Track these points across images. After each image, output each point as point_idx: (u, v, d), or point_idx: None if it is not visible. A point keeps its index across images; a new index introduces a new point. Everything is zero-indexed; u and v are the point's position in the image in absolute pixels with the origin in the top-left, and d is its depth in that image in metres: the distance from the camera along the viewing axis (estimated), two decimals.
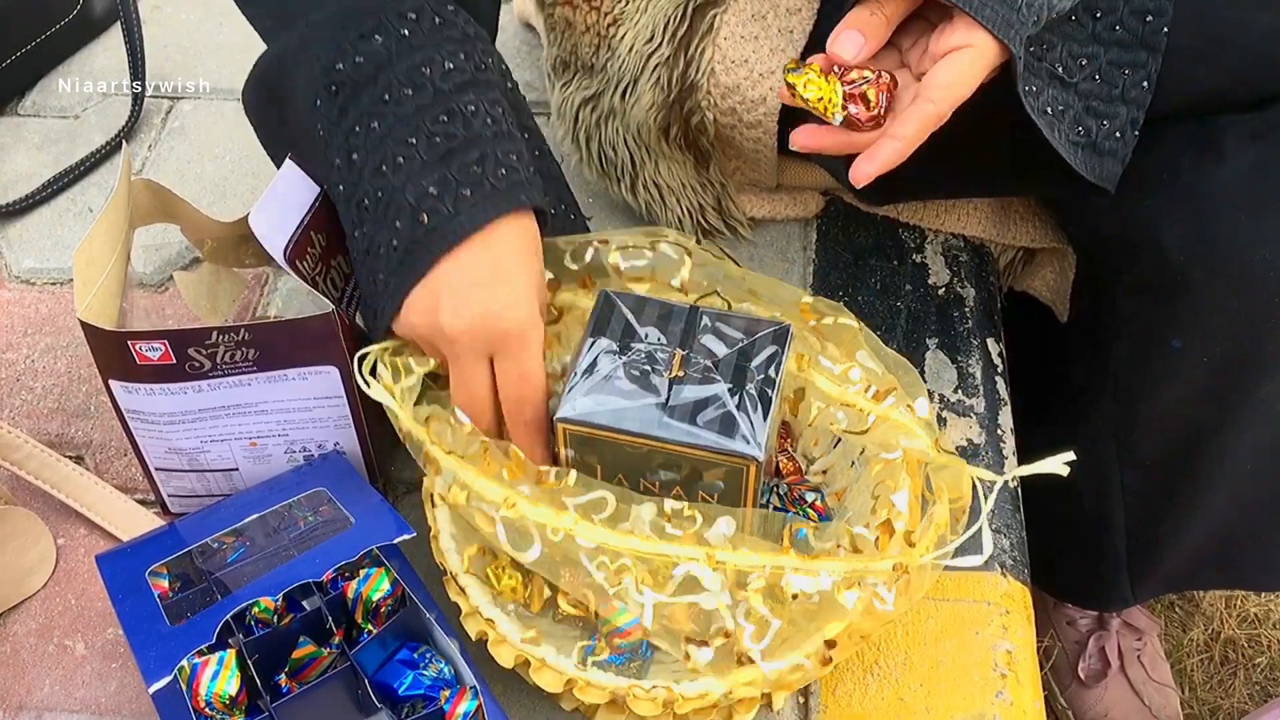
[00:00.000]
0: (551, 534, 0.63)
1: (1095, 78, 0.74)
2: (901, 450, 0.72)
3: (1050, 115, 0.73)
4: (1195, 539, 0.92)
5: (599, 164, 0.94)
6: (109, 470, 0.84)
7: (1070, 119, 0.74)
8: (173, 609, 0.68)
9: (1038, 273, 0.98)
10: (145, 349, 0.69)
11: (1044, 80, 0.73)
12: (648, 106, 0.87)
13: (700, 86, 0.85)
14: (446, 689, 0.66)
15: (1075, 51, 0.73)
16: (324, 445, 0.77)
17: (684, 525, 0.64)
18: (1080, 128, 0.74)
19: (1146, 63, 0.74)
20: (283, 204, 0.74)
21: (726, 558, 0.62)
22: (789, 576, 0.62)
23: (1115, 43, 0.73)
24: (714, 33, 0.84)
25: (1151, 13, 0.73)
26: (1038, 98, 0.72)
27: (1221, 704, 1.27)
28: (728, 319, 0.71)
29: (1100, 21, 0.73)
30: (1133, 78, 0.74)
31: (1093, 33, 0.73)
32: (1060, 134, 0.73)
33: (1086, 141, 0.74)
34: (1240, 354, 0.77)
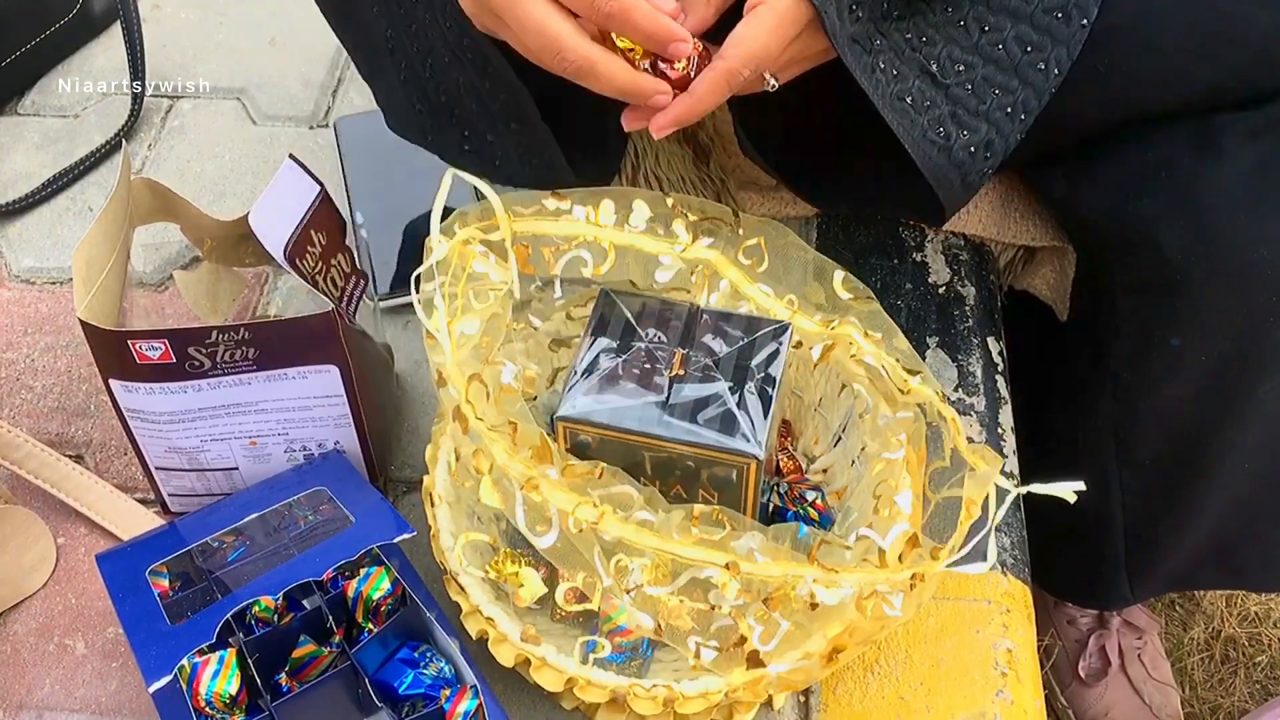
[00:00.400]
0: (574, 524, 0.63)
1: (968, 86, 0.74)
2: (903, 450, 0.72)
3: (909, 104, 0.72)
4: (1195, 538, 0.92)
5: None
6: (109, 469, 0.84)
7: (933, 118, 0.73)
8: (173, 608, 0.68)
9: (1038, 271, 0.98)
10: (145, 348, 0.69)
11: (912, 70, 0.72)
12: None
13: None
14: (447, 688, 0.66)
15: (955, 56, 0.73)
16: (324, 444, 0.77)
17: (711, 532, 0.63)
18: (942, 129, 0.74)
19: (1016, 90, 0.74)
20: (282, 203, 0.74)
21: (751, 569, 0.62)
22: (810, 586, 0.62)
23: (993, 60, 0.74)
24: None
25: (1032, 46, 0.73)
26: (895, 83, 0.71)
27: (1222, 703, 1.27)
28: (728, 318, 0.71)
29: (986, 36, 0.73)
30: (1000, 100, 0.74)
31: (976, 43, 0.73)
32: (917, 127, 0.72)
33: (944, 145, 0.74)
34: (1240, 353, 0.77)
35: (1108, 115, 0.77)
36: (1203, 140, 0.76)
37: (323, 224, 0.76)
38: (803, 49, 0.67)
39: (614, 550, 0.62)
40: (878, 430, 0.74)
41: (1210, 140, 0.75)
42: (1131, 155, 0.79)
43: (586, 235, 0.74)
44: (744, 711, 0.68)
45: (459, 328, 0.68)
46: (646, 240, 0.75)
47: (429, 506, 0.71)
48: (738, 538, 0.62)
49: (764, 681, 0.65)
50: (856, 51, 0.68)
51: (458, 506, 0.72)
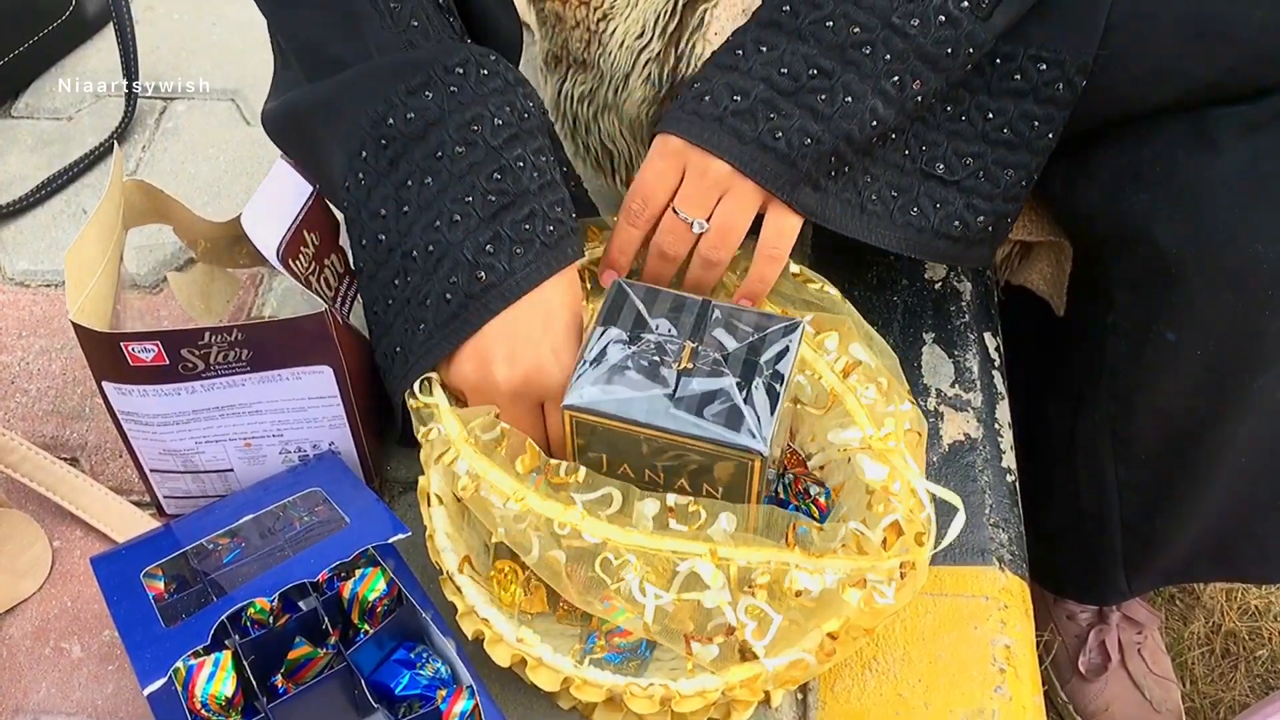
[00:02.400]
0: (558, 528, 0.63)
1: (979, 175, 0.77)
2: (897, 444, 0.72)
3: (915, 215, 0.77)
4: (1191, 531, 0.92)
5: (595, 157, 0.94)
6: (104, 472, 0.84)
7: (944, 215, 0.77)
8: (168, 610, 0.68)
9: (1034, 266, 0.98)
10: (138, 350, 0.69)
11: (915, 180, 0.76)
12: (639, 101, 0.87)
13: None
14: (443, 688, 0.66)
15: (961, 150, 0.76)
16: (319, 445, 0.77)
17: (688, 520, 0.63)
18: (957, 222, 0.77)
19: (1029, 164, 0.77)
20: (275, 203, 0.74)
21: (730, 554, 0.62)
22: (793, 573, 0.62)
23: (1002, 143, 0.76)
24: (705, 28, 0.84)
25: (1039, 120, 0.76)
26: (897, 199, 0.76)
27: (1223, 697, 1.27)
28: (739, 313, 0.71)
29: (990, 122, 0.76)
30: (1014, 176, 0.77)
31: (981, 132, 0.76)
32: (925, 233, 0.77)
33: (960, 235, 0.77)
34: (1235, 347, 0.77)
35: (1103, 112, 0.77)
36: (1198, 135, 0.76)
37: (316, 224, 0.76)
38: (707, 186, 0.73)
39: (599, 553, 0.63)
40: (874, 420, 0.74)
41: (1205, 135, 0.75)
42: (1127, 150, 0.79)
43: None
44: (741, 710, 0.68)
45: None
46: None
47: (425, 507, 0.71)
48: (712, 523, 0.63)
49: (761, 678, 0.64)
50: (812, 196, 0.74)
51: (455, 507, 0.72)
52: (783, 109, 0.71)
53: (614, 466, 0.69)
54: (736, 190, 0.73)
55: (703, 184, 0.73)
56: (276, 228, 0.73)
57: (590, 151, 0.94)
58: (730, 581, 0.63)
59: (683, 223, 0.74)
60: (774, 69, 0.71)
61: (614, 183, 0.94)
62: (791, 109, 0.71)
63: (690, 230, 0.74)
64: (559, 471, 0.67)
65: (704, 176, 0.72)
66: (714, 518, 0.64)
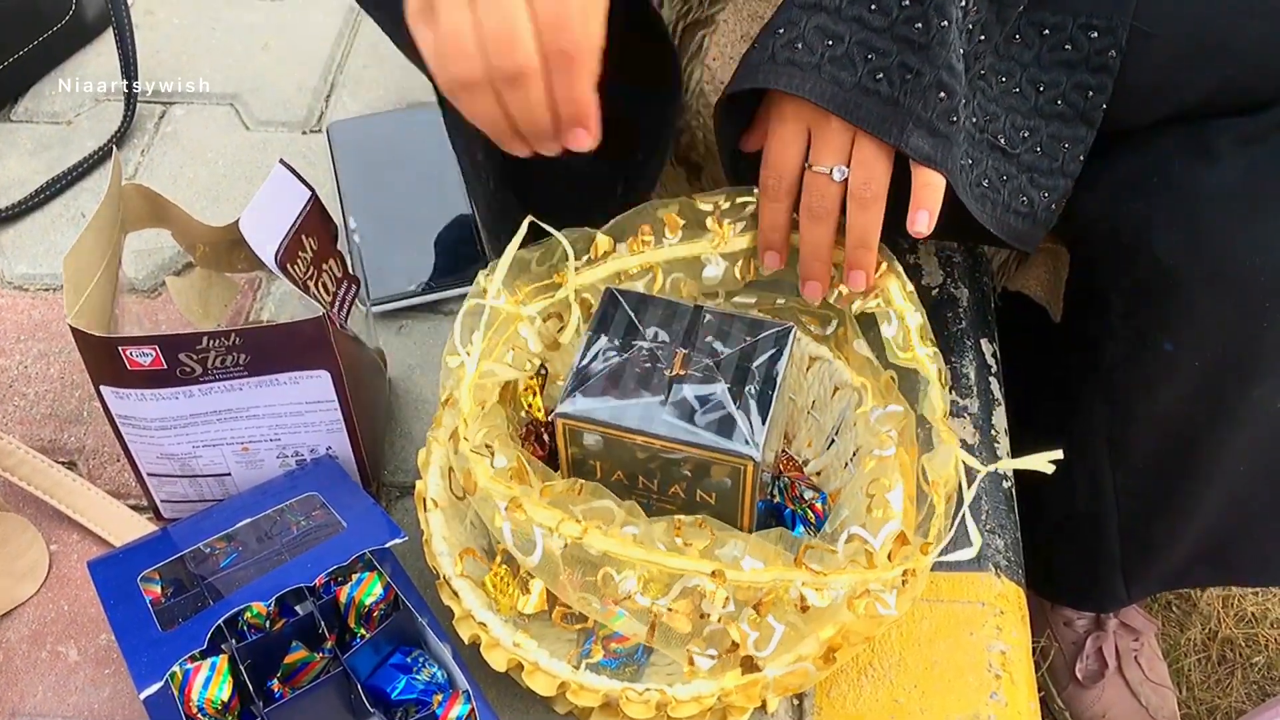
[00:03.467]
0: (558, 538, 0.63)
1: (1037, 149, 0.75)
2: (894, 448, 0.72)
3: (987, 187, 0.74)
4: (1189, 537, 0.92)
5: None
6: (101, 476, 0.84)
7: (1012, 189, 0.75)
8: (164, 614, 0.68)
9: (1031, 272, 0.98)
10: (136, 354, 0.69)
11: (983, 151, 0.74)
12: None
13: (690, 107, 0.85)
14: (439, 693, 0.66)
15: (1019, 124, 0.75)
16: (316, 450, 0.77)
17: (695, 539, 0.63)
18: (1024, 198, 0.75)
19: (1085, 137, 0.76)
20: (273, 208, 0.74)
21: (736, 577, 0.62)
22: (800, 589, 0.62)
23: (1057, 116, 0.75)
24: (703, 54, 0.84)
25: (1093, 89, 0.74)
26: (973, 170, 0.73)
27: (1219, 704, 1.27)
28: (731, 318, 0.71)
29: (1043, 95, 0.75)
30: (1071, 151, 0.76)
31: (1035, 105, 0.75)
32: (999, 206, 0.74)
33: (1029, 212, 0.76)
34: (1233, 357, 0.77)
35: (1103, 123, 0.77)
36: (1195, 146, 0.76)
37: (314, 229, 0.76)
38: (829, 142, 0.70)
39: (601, 564, 0.62)
40: (869, 427, 0.74)
41: (1203, 146, 0.75)
42: (1125, 160, 0.79)
43: (632, 268, 0.76)
44: (738, 715, 0.68)
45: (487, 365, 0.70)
46: (684, 248, 0.77)
47: (422, 511, 0.71)
48: (722, 544, 0.62)
49: (759, 685, 0.65)
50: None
51: (451, 511, 0.72)
52: (879, 46, 0.68)
53: (608, 474, 0.69)
54: (859, 135, 0.69)
55: (830, 135, 0.69)
56: (275, 233, 0.73)
57: None
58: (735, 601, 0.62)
59: (824, 176, 0.70)
60: (864, 7, 0.68)
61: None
62: (888, 45, 0.68)
63: (833, 180, 0.70)
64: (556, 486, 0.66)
65: (829, 128, 0.69)
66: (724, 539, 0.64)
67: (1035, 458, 0.64)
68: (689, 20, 0.84)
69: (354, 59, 1.15)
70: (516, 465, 0.67)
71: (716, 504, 0.68)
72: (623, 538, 0.63)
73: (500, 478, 0.65)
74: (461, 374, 0.69)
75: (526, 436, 0.77)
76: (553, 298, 0.75)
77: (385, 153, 1.02)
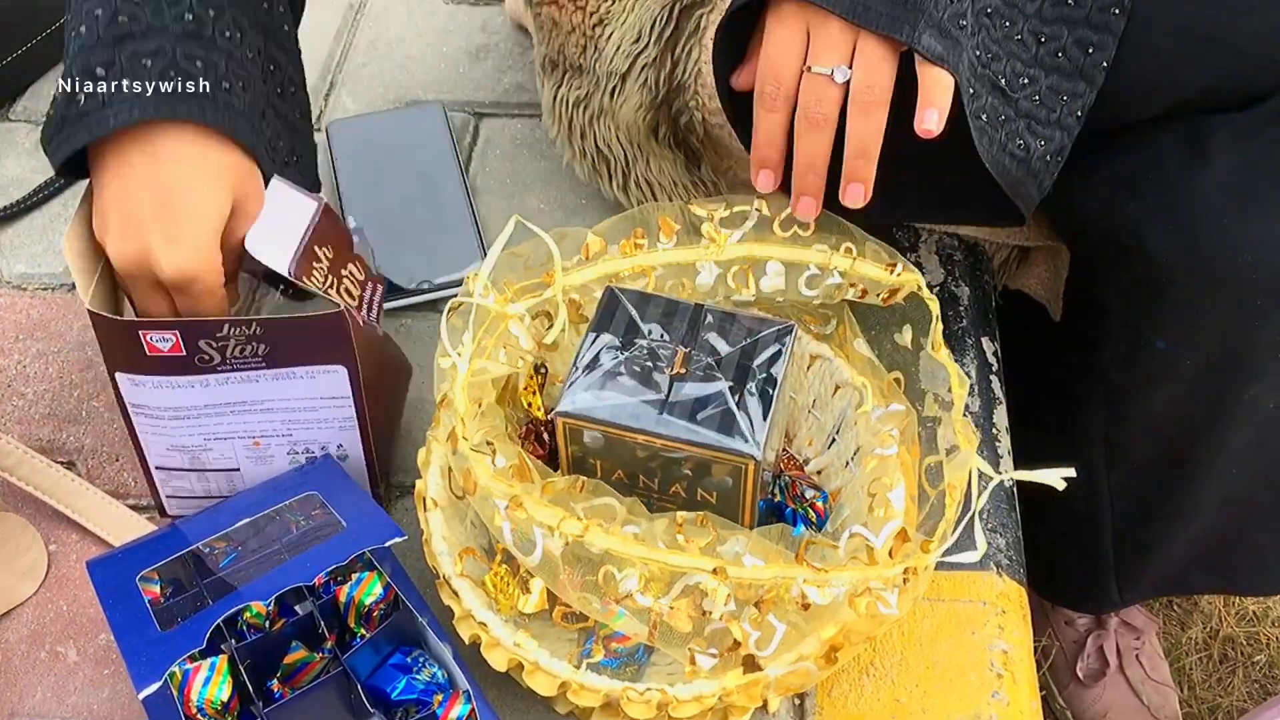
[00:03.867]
0: (559, 538, 0.63)
1: (1035, 98, 0.73)
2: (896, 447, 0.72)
3: (985, 122, 0.71)
4: (1184, 541, 0.92)
5: (591, 162, 0.94)
6: (100, 476, 0.84)
7: (1009, 131, 0.73)
8: (164, 614, 0.68)
9: (1032, 271, 0.98)
10: (156, 339, 0.68)
11: (984, 87, 0.72)
12: (636, 107, 0.87)
13: (688, 87, 0.85)
14: (440, 693, 0.66)
15: (1018, 70, 0.73)
16: (327, 446, 0.77)
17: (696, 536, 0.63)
18: (1020, 141, 0.73)
19: (1084, 93, 0.74)
20: (278, 224, 0.73)
21: (739, 574, 0.62)
22: (801, 587, 0.61)
23: (1055, 69, 0.73)
24: (700, 33, 0.84)
25: (1094, 46, 0.73)
26: (973, 101, 0.71)
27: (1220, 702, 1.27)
28: (732, 317, 0.71)
29: (1044, 47, 0.73)
30: (1069, 105, 0.74)
31: (1035, 56, 0.73)
32: (995, 143, 0.72)
33: (1024, 157, 0.73)
34: (1228, 356, 0.77)
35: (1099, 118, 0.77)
36: (1190, 143, 0.76)
37: (326, 238, 0.75)
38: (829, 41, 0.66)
39: (602, 562, 0.62)
40: (870, 426, 0.74)
41: (1197, 143, 0.75)
42: (1121, 157, 0.79)
43: (623, 270, 0.76)
44: (739, 715, 0.67)
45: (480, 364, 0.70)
46: (678, 253, 0.76)
47: (422, 511, 0.71)
48: (723, 542, 0.62)
49: (761, 685, 0.64)
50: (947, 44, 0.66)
51: (451, 511, 0.72)
52: None
53: (608, 473, 0.69)
54: (864, 37, 0.67)
55: (831, 35, 0.66)
56: (286, 248, 0.72)
57: (586, 156, 0.94)
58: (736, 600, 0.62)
59: (823, 78, 0.66)
60: None
61: (611, 187, 0.94)
62: None
63: (834, 83, 0.66)
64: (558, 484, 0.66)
65: (830, 29, 0.66)
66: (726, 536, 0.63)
67: (1048, 473, 0.63)
68: (686, 1, 0.84)
69: (353, 57, 1.14)
70: (518, 463, 0.67)
71: (717, 503, 0.68)
72: (624, 536, 0.63)
73: (502, 476, 0.65)
74: (454, 374, 0.68)
75: (526, 436, 0.77)
76: (541, 297, 0.75)
77: (384, 151, 1.02)
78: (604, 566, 0.63)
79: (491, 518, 0.65)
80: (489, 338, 0.72)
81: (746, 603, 0.62)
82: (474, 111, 1.09)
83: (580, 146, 0.93)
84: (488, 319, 0.72)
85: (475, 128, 1.08)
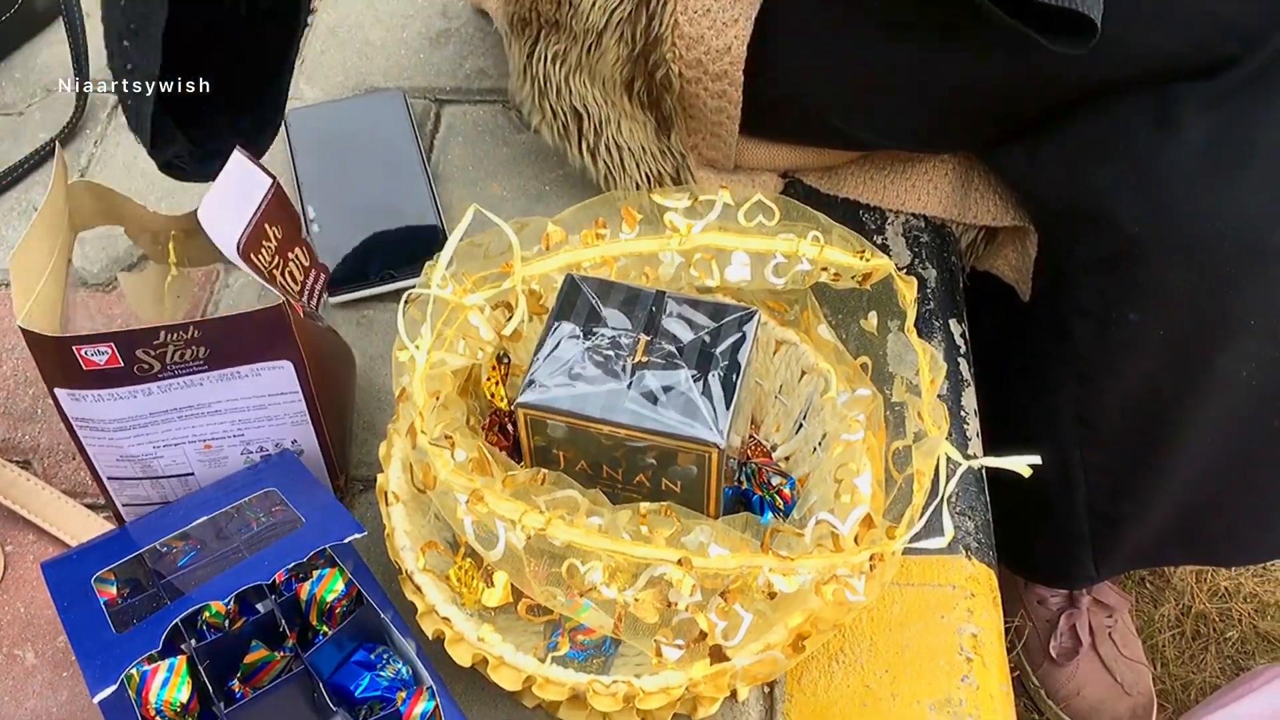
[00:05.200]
0: (521, 531, 0.62)
1: None
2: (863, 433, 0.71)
3: None
4: (1159, 515, 0.92)
5: (561, 124, 0.92)
6: (57, 475, 0.83)
7: None
8: (120, 616, 0.67)
9: (999, 252, 0.98)
10: (90, 353, 0.67)
11: None
12: (613, 61, 0.85)
13: (665, 39, 0.83)
14: (404, 689, 0.65)
15: None
16: (281, 443, 0.76)
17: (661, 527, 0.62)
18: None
19: None
20: (233, 198, 0.72)
21: (703, 564, 0.61)
22: (767, 576, 0.61)
23: None
24: None
25: None
26: None
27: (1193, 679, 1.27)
28: (694, 304, 0.70)
29: None
30: None
31: None
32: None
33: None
34: (1198, 326, 0.77)
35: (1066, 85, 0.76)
36: (1158, 112, 0.75)
37: (277, 218, 0.74)
38: None
39: (565, 555, 0.61)
40: (837, 412, 0.73)
41: (1165, 112, 0.75)
42: (1088, 128, 0.78)
43: (585, 260, 0.74)
44: (707, 705, 0.67)
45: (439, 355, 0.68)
46: (641, 243, 0.74)
47: (384, 505, 0.70)
48: (688, 532, 0.61)
49: (728, 675, 0.64)
50: None
51: (413, 505, 0.71)
52: None
53: (571, 463, 0.68)
54: None
55: None
56: (235, 223, 0.71)
57: (559, 116, 0.92)
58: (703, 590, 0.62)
59: None
60: None
61: (580, 152, 0.93)
62: None
63: None
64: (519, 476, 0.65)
65: None
66: (690, 526, 0.63)
67: (1014, 459, 0.63)
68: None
69: (312, 44, 1.13)
70: (478, 456, 0.66)
71: (682, 492, 0.67)
72: (587, 528, 0.62)
73: (461, 470, 0.64)
74: (412, 367, 0.67)
75: (490, 427, 0.76)
76: (500, 287, 0.74)
77: (344, 140, 1.01)
78: (568, 560, 0.62)
79: (453, 512, 0.64)
80: (448, 329, 0.70)
81: (713, 593, 0.61)
82: (435, 98, 1.07)
83: (552, 106, 0.92)
84: (446, 310, 0.70)
85: (437, 114, 1.06)
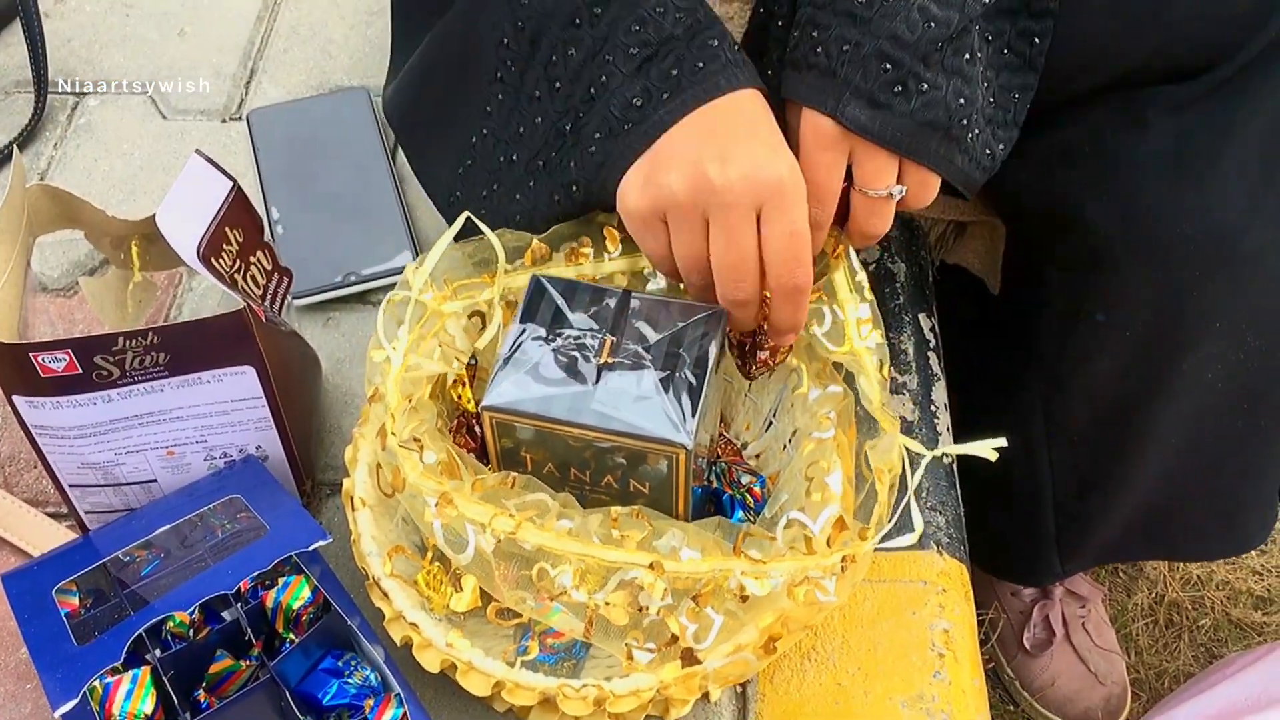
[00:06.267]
0: (491, 535, 0.61)
1: (992, 101, 0.72)
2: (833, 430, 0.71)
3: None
4: (1124, 511, 0.92)
5: None
6: (19, 484, 0.81)
7: (982, 142, 0.71)
8: (82, 627, 0.66)
9: (969, 245, 0.98)
10: (48, 360, 0.66)
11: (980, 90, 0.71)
12: None
13: None
14: (372, 697, 0.64)
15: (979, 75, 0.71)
16: (245, 449, 0.75)
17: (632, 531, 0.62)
18: (988, 151, 0.71)
19: (1032, 85, 0.72)
20: (192, 201, 0.71)
21: (675, 569, 0.61)
22: (739, 579, 0.61)
23: (1005, 66, 0.72)
24: None
25: (1037, 35, 0.71)
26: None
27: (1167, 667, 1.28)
28: (661, 304, 0.69)
29: (991, 45, 0.71)
30: (1021, 101, 0.72)
31: (986, 57, 0.71)
32: (970, 161, 0.71)
33: (990, 166, 0.72)
34: (1164, 327, 0.77)
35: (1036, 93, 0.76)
36: (1126, 114, 0.75)
37: (238, 221, 0.73)
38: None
39: (535, 559, 0.61)
40: (808, 408, 0.73)
41: (1134, 114, 0.75)
42: (1057, 130, 0.78)
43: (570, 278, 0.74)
44: (679, 707, 0.66)
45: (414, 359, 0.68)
46: (623, 262, 0.74)
47: (350, 510, 0.69)
48: (660, 535, 0.61)
49: (699, 677, 0.63)
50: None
51: (380, 509, 0.70)
52: (821, 21, 0.66)
53: (539, 465, 0.68)
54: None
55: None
56: (195, 226, 0.70)
57: None
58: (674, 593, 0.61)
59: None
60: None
61: None
62: (829, 20, 0.66)
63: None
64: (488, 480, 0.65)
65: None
66: (662, 529, 0.62)
67: (979, 445, 0.63)
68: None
69: (274, 42, 1.11)
70: (447, 459, 0.65)
71: (651, 493, 0.67)
72: (558, 531, 0.61)
73: (430, 473, 0.64)
74: (387, 368, 0.67)
75: (457, 429, 0.75)
76: (475, 299, 0.73)
77: (308, 140, 1.00)
78: (538, 563, 0.61)
79: (421, 515, 0.63)
80: (425, 333, 0.70)
81: (684, 595, 0.61)
82: None
83: None
84: (425, 315, 0.70)
85: None
